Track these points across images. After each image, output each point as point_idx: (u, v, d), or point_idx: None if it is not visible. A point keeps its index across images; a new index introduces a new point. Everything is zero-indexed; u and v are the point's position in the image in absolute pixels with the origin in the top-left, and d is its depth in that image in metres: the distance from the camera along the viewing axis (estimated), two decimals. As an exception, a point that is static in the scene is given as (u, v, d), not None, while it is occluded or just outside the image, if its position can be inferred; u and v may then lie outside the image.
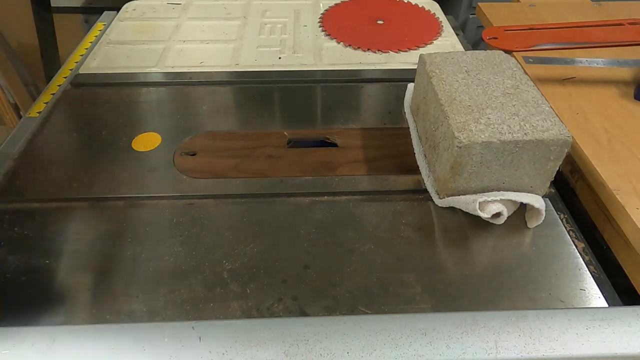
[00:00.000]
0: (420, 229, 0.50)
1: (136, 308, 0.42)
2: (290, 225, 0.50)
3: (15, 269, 0.45)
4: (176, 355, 0.32)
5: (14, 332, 0.33)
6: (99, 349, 0.33)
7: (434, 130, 0.52)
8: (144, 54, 0.79)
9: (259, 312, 0.42)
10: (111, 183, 0.55)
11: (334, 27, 0.86)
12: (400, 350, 0.33)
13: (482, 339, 0.34)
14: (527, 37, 0.65)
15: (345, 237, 0.48)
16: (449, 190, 0.50)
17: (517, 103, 0.49)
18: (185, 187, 0.54)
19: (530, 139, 0.46)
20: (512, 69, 0.55)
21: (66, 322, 0.41)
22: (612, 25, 0.64)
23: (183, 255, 0.46)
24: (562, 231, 0.50)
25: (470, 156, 0.46)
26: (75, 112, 0.66)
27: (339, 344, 0.33)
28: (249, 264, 0.46)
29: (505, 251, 0.48)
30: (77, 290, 0.43)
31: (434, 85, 0.53)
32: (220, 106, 0.68)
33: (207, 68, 0.75)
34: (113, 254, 0.47)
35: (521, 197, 0.49)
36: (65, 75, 0.74)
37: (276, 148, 0.60)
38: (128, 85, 0.71)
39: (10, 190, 0.54)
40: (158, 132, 0.62)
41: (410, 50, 0.81)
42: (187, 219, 0.50)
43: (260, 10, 0.93)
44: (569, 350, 0.33)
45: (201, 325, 0.34)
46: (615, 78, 0.67)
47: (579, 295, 0.44)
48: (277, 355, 0.33)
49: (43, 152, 0.59)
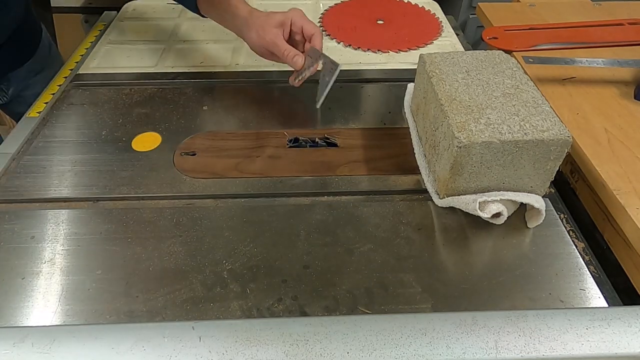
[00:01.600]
0: (420, 229, 0.50)
1: (136, 308, 0.42)
2: (290, 225, 0.50)
3: (15, 269, 0.45)
4: (176, 355, 0.32)
5: (14, 332, 0.33)
6: (99, 349, 0.33)
7: (434, 130, 0.52)
8: (144, 54, 0.79)
9: (259, 312, 0.42)
10: (111, 183, 0.55)
11: (334, 27, 0.86)
12: (400, 350, 0.33)
13: (482, 339, 0.34)
14: (527, 37, 0.65)
15: (345, 237, 0.48)
16: (449, 190, 0.50)
17: (517, 103, 0.49)
18: (185, 187, 0.54)
19: (530, 139, 0.46)
20: (512, 69, 0.55)
21: (66, 322, 0.41)
22: (612, 25, 0.64)
23: (183, 255, 0.46)
24: (562, 231, 0.50)
25: (470, 156, 0.46)
26: (75, 112, 0.66)
27: (339, 344, 0.33)
28: (249, 264, 0.46)
29: (505, 251, 0.48)
30: (77, 290, 0.43)
31: (434, 85, 0.53)
32: (220, 106, 0.68)
33: (207, 68, 0.75)
34: (113, 254, 0.47)
35: (521, 197, 0.49)
36: (65, 75, 0.74)
37: (276, 148, 0.60)
38: (128, 85, 0.71)
39: (10, 190, 0.54)
40: (158, 132, 0.62)
41: (410, 50, 0.81)
42: (187, 219, 0.50)
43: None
44: (569, 350, 0.33)
45: (201, 325, 0.34)
46: (615, 78, 0.67)
47: (579, 295, 0.44)
48: (277, 355, 0.33)
49: (43, 152, 0.59)
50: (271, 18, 0.63)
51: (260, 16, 0.64)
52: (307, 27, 0.63)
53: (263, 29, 0.63)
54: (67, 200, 0.53)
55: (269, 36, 0.62)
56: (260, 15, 0.64)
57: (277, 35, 0.62)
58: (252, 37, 0.64)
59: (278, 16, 0.63)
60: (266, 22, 0.63)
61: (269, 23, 0.63)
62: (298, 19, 0.63)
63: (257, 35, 0.64)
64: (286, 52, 0.62)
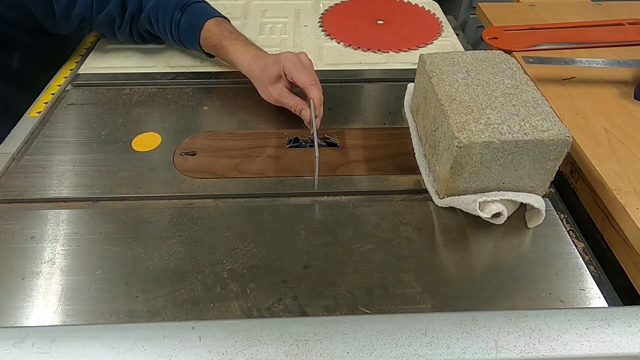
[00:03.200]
0: (420, 229, 0.50)
1: (136, 308, 0.42)
2: (290, 225, 0.50)
3: (15, 269, 0.45)
4: (176, 355, 0.32)
5: (14, 332, 0.33)
6: (99, 349, 0.33)
7: (434, 130, 0.52)
8: (144, 54, 0.79)
9: (259, 312, 0.42)
10: (111, 183, 0.55)
11: (334, 27, 0.86)
12: (400, 350, 0.33)
13: (482, 339, 0.34)
14: (527, 37, 0.65)
15: (345, 237, 0.48)
16: (449, 190, 0.50)
17: (517, 103, 0.49)
18: (185, 187, 0.54)
19: (530, 139, 0.46)
20: (512, 69, 0.55)
21: (66, 322, 0.41)
22: (612, 25, 0.64)
23: (183, 255, 0.46)
24: (562, 231, 0.50)
25: (470, 156, 0.46)
26: (75, 112, 0.66)
27: (339, 344, 0.33)
28: (249, 264, 0.46)
29: (505, 251, 0.48)
30: (77, 290, 0.43)
31: (434, 85, 0.53)
32: (220, 106, 0.68)
33: (207, 68, 0.75)
34: (113, 254, 0.47)
35: (521, 197, 0.49)
36: (65, 75, 0.74)
37: (276, 148, 0.60)
38: (128, 85, 0.71)
39: (10, 190, 0.54)
40: (158, 132, 0.62)
41: (410, 50, 0.81)
42: (187, 219, 0.50)
43: (260, 10, 0.93)
44: (569, 350, 0.33)
45: (201, 325, 0.34)
46: (615, 78, 0.67)
47: (579, 295, 0.44)
48: (277, 355, 0.33)
49: (43, 152, 0.59)
50: (268, 73, 0.63)
51: (259, 70, 0.64)
52: (297, 79, 0.60)
53: (265, 85, 0.64)
54: (67, 200, 0.53)
55: (273, 94, 0.63)
56: (258, 69, 0.64)
57: (280, 92, 0.63)
58: (260, 91, 0.66)
59: (273, 69, 0.62)
60: (265, 78, 0.63)
61: (268, 79, 0.63)
62: (289, 70, 0.60)
63: (262, 92, 0.66)
64: (292, 107, 0.62)
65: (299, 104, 0.61)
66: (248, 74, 0.67)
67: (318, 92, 0.59)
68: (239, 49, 0.67)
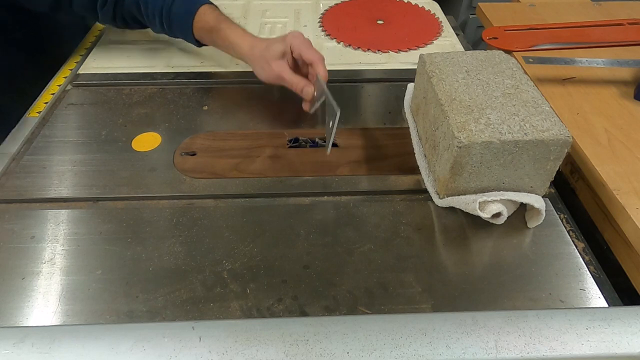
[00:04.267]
0: (420, 229, 0.50)
1: (136, 308, 0.42)
2: (290, 225, 0.50)
3: (15, 269, 0.45)
4: (176, 355, 0.32)
5: (14, 332, 0.33)
6: (99, 349, 0.33)
7: (434, 130, 0.52)
8: (144, 54, 0.79)
9: (259, 312, 0.42)
10: (111, 183, 0.55)
11: (334, 27, 0.86)
12: (400, 350, 0.33)
13: (482, 339, 0.34)
14: (527, 37, 0.65)
15: (345, 237, 0.48)
16: (449, 190, 0.50)
17: (517, 103, 0.49)
18: (185, 187, 0.54)
19: (530, 139, 0.46)
20: (512, 69, 0.55)
21: (66, 322, 0.41)
22: (612, 25, 0.64)
23: (183, 255, 0.46)
24: (562, 231, 0.50)
25: (470, 156, 0.46)
26: (75, 112, 0.66)
27: (339, 344, 0.33)
28: (249, 264, 0.46)
29: (505, 251, 0.48)
30: (77, 290, 0.43)
31: (434, 85, 0.53)
32: (220, 106, 0.68)
33: (207, 68, 0.75)
34: (113, 254, 0.47)
35: (521, 197, 0.49)
36: (65, 75, 0.74)
37: (276, 148, 0.60)
38: (128, 85, 0.71)
39: (10, 190, 0.54)
40: (158, 132, 0.62)
41: (410, 50, 0.81)
42: (187, 219, 0.50)
43: (260, 10, 0.93)
44: (569, 350, 0.33)
45: (201, 325, 0.34)
46: (615, 78, 0.67)
47: (579, 295, 0.44)
48: (277, 355, 0.33)
49: (43, 152, 0.59)
50: (272, 49, 0.62)
51: (261, 48, 0.63)
52: (305, 55, 0.60)
53: (267, 62, 0.62)
54: (67, 200, 0.53)
55: (274, 70, 0.62)
56: (261, 47, 0.63)
57: (282, 68, 0.61)
58: (258, 71, 0.65)
59: (278, 46, 0.61)
60: (268, 55, 0.62)
61: (271, 55, 0.62)
62: (297, 46, 0.60)
63: (263, 70, 0.64)
64: (294, 84, 0.61)
65: (300, 82, 0.61)
66: (248, 53, 0.65)
67: (325, 69, 0.59)
68: (238, 32, 0.66)
